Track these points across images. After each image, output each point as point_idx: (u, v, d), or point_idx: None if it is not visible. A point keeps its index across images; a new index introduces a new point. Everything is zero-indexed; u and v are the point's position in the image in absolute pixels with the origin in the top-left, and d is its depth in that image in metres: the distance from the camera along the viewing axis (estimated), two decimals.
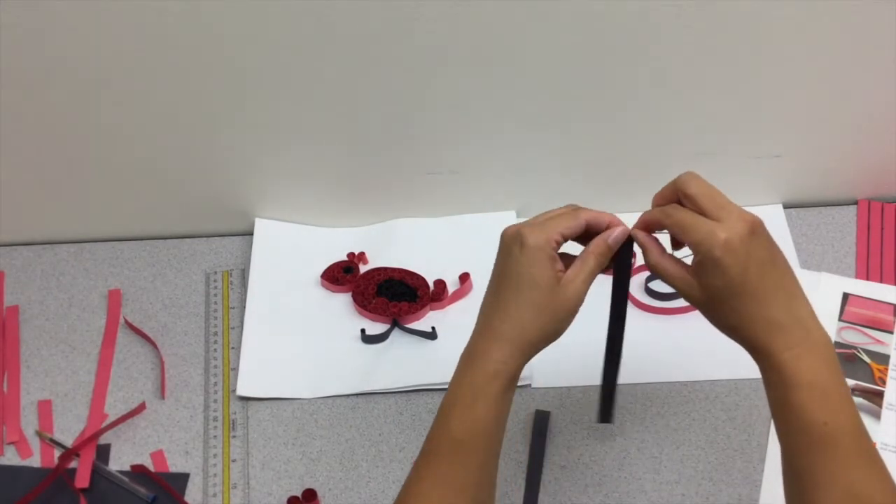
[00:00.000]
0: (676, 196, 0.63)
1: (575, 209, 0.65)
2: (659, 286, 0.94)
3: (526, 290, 0.63)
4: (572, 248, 0.66)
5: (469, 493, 0.63)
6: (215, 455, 0.86)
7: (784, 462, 0.62)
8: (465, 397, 0.63)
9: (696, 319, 0.92)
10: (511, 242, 0.64)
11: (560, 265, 0.64)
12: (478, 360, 0.64)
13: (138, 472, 0.85)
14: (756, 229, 0.60)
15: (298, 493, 0.82)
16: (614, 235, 0.65)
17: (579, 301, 0.64)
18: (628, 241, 0.66)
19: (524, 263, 0.62)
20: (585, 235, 0.66)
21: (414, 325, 0.94)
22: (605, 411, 0.73)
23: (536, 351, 0.65)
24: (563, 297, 0.64)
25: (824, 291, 0.94)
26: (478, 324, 0.66)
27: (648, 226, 0.66)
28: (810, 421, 0.59)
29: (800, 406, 0.59)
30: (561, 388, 0.89)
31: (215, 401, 0.89)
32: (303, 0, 0.80)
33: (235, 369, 0.91)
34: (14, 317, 0.96)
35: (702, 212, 0.61)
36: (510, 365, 0.63)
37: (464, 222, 1.01)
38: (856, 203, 1.02)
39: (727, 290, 0.60)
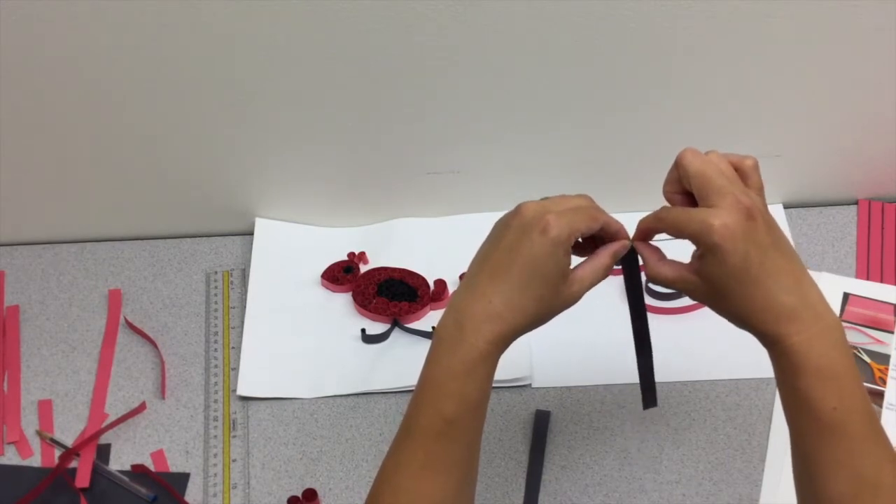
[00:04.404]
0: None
1: (596, 209, 0.65)
2: (659, 286, 0.94)
3: (536, 281, 0.61)
4: None
5: (459, 470, 0.63)
6: (215, 455, 0.86)
7: (793, 447, 0.62)
8: (456, 376, 0.62)
9: (697, 319, 0.93)
10: (532, 224, 0.61)
11: (570, 260, 0.63)
12: (470, 337, 0.61)
13: (139, 471, 0.85)
14: (753, 213, 0.59)
15: (299, 493, 0.82)
16: (621, 252, 0.66)
17: (577, 301, 0.65)
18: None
19: (542, 254, 0.61)
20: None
21: (414, 325, 0.94)
22: (648, 397, 0.75)
23: (520, 335, 0.64)
24: (567, 294, 0.64)
25: (824, 291, 0.92)
26: (468, 294, 0.63)
27: (646, 234, 0.66)
28: (820, 406, 0.58)
29: (809, 391, 0.59)
30: (561, 388, 0.89)
31: (215, 401, 0.90)
32: (303, 1, 0.80)
33: (236, 369, 0.91)
34: (14, 317, 0.96)
35: (699, 195, 0.61)
36: (500, 347, 0.63)
37: (464, 222, 1.01)
38: (856, 203, 1.02)
39: (731, 277, 0.59)
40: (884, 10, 0.83)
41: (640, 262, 0.68)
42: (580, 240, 0.67)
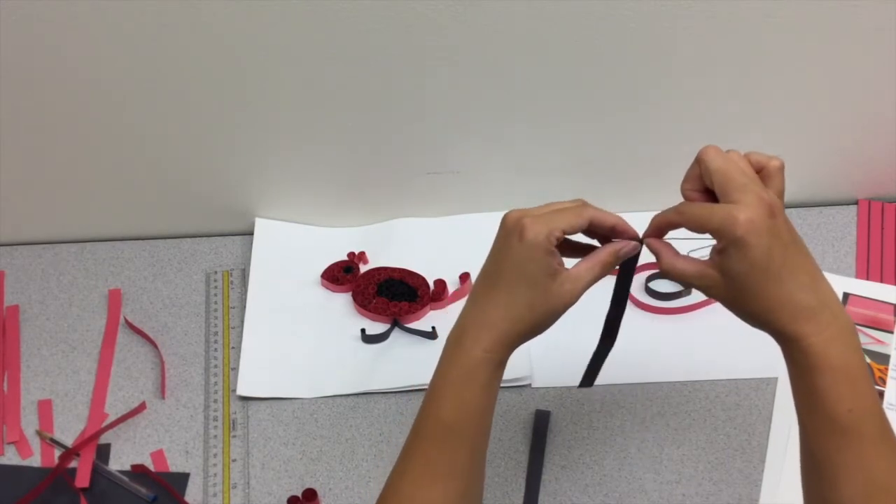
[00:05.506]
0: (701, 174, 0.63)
1: (582, 206, 0.64)
2: (659, 286, 0.94)
3: (521, 284, 0.62)
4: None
5: (460, 478, 0.63)
6: (215, 455, 0.86)
7: (804, 449, 0.62)
8: (454, 383, 0.63)
9: (697, 319, 0.93)
10: (511, 231, 0.63)
11: (559, 259, 0.63)
12: (467, 346, 0.63)
13: (138, 471, 0.85)
14: (775, 210, 0.59)
15: (298, 493, 0.82)
16: (626, 250, 0.65)
17: (575, 300, 0.64)
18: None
19: (521, 258, 0.62)
20: (588, 231, 0.65)
21: (414, 325, 0.94)
22: (588, 379, 0.76)
23: (525, 341, 0.64)
24: (560, 293, 0.63)
25: None
26: (469, 306, 0.65)
27: (662, 228, 0.65)
28: (836, 408, 0.58)
29: (826, 392, 0.58)
30: (561, 388, 0.89)
31: (215, 401, 0.90)
32: (303, 1, 0.80)
33: (235, 369, 0.91)
34: (14, 317, 0.96)
35: (720, 191, 0.61)
36: (499, 353, 0.63)
37: (464, 222, 1.01)
38: (856, 203, 1.02)
39: (752, 273, 0.59)
40: (884, 10, 0.83)
41: (637, 263, 0.68)
42: (583, 240, 0.67)
